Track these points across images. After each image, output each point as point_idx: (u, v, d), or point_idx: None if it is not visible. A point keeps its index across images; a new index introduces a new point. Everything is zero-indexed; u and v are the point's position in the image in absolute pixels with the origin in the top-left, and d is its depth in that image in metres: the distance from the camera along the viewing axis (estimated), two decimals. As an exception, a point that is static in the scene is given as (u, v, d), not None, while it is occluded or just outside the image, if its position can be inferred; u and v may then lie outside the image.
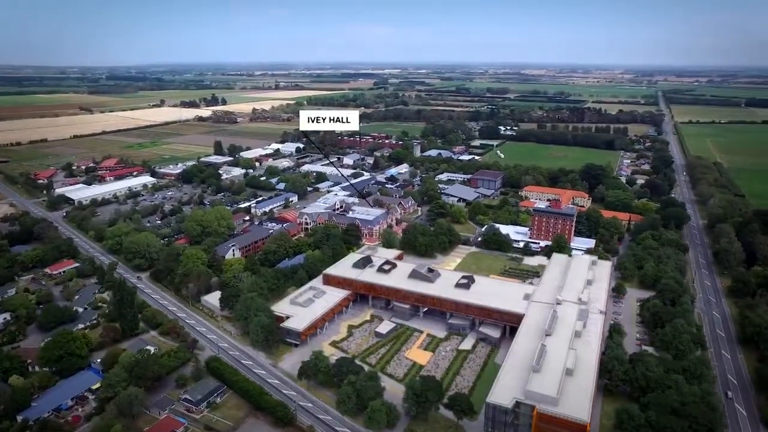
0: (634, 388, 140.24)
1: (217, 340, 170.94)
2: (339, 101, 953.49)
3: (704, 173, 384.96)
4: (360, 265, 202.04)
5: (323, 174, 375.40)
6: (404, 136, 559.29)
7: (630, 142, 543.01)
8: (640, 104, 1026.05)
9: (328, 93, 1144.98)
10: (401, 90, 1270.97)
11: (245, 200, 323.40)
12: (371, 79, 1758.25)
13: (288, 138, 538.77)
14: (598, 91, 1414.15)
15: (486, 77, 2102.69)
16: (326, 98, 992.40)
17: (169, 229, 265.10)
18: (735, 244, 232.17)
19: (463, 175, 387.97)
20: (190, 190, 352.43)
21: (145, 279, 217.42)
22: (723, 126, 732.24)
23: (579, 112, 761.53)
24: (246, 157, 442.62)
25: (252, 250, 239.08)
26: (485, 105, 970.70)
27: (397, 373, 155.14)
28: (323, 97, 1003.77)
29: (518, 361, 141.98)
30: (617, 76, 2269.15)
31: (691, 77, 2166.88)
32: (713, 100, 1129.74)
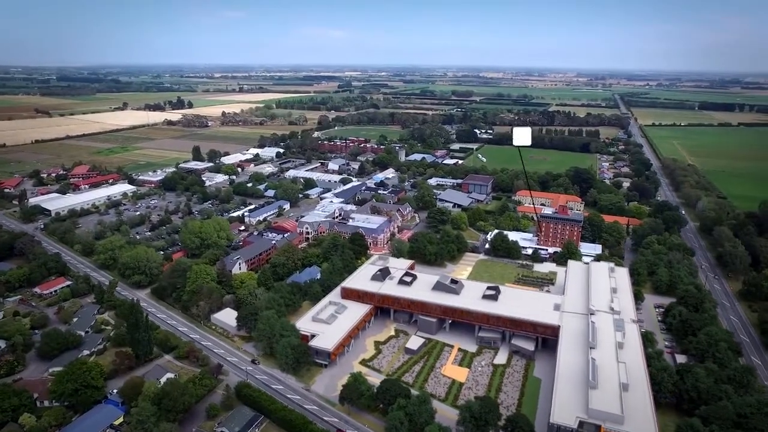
0: (684, 400, 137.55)
1: (239, 363, 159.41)
2: (308, 104, 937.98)
3: (685, 176, 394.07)
4: (379, 278, 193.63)
5: (312, 180, 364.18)
6: (384, 140, 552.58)
7: (605, 144, 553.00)
8: (602, 107, 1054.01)
9: (295, 95, 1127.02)
10: (367, 93, 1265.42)
11: (235, 209, 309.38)
12: (334, 82, 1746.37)
13: (266, 142, 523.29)
14: (559, 94, 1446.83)
15: (447, 80, 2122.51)
16: (294, 101, 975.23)
17: (162, 242, 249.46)
18: (739, 247, 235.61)
19: (452, 180, 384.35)
20: (174, 199, 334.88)
21: (145, 296, 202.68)
22: (683, 128, 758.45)
23: (549, 115, 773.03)
24: (227, 162, 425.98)
25: (257, 263, 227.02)
26: (454, 108, 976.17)
27: (437, 392, 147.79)
28: (291, 100, 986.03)
29: (570, 377, 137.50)
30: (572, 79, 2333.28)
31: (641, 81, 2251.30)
32: (668, 103, 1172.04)
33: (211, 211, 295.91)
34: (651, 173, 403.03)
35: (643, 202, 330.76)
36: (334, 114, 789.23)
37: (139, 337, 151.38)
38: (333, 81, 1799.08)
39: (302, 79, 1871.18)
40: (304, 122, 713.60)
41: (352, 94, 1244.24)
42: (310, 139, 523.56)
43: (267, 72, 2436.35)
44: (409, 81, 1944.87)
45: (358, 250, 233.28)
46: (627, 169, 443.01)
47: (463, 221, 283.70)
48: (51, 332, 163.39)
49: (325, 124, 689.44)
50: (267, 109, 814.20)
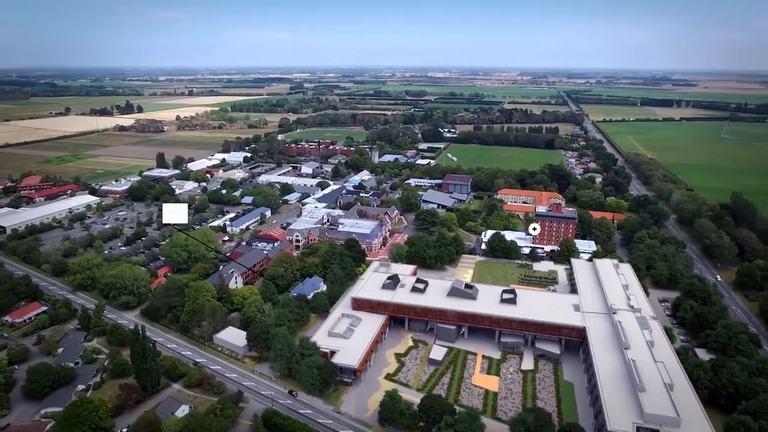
0: (721, 395, 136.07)
1: (257, 387, 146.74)
2: (264, 107, 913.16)
3: (651, 170, 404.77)
4: (391, 286, 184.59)
5: (289, 185, 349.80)
6: (351, 142, 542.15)
7: (567, 141, 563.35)
8: (552, 104, 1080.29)
9: (248, 98, 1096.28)
10: (321, 94, 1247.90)
11: (214, 218, 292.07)
12: (285, 84, 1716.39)
13: (231, 147, 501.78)
14: (508, 92, 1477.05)
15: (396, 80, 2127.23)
16: (249, 104, 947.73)
17: (143, 257, 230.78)
18: (724, 238, 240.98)
19: (430, 180, 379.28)
20: (143, 209, 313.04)
21: (135, 318, 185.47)
22: (633, 124, 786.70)
23: (507, 113, 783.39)
24: (195, 169, 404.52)
25: (251, 275, 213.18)
26: (411, 107, 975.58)
27: (473, 404, 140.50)
28: (246, 103, 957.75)
29: (612, 381, 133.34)
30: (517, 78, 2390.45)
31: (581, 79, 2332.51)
32: (611, 99, 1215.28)
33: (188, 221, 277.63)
34: (620, 168, 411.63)
35: (619, 197, 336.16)
36: (294, 116, 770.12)
37: (147, 367, 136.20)
38: (283, 83, 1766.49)
39: (252, 82, 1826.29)
40: (264, 125, 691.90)
41: (306, 95, 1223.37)
42: (276, 142, 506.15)
43: (213, 75, 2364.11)
44: (359, 82, 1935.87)
45: (357, 257, 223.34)
46: (594, 164, 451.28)
47: (453, 222, 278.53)
48: (38, 367, 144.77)
49: (286, 127, 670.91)
50: (224, 113, 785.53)
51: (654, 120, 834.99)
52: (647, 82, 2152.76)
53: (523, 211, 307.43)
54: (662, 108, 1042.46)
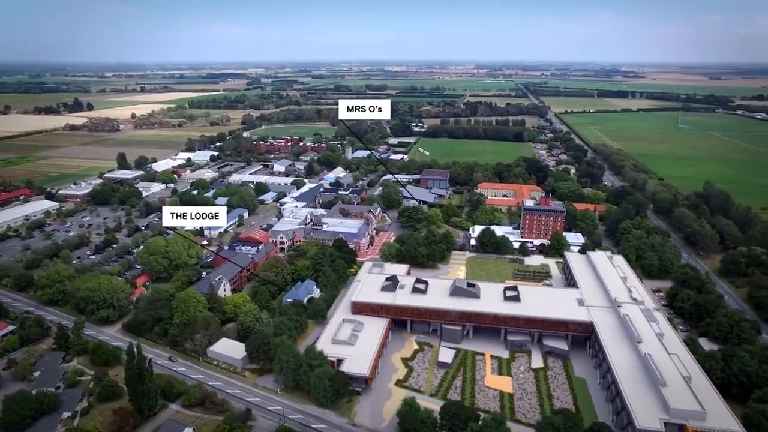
0: (733, 384, 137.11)
1: (263, 402, 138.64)
2: (223, 103, 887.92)
3: (621, 160, 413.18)
4: (391, 288, 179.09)
5: (264, 184, 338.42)
6: (320, 138, 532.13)
7: (535, 133, 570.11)
8: (512, 96, 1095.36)
9: (205, 95, 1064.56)
10: (280, 89, 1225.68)
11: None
12: (240, 79, 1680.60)
13: (196, 145, 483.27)
14: (467, 85, 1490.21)
15: (354, 74, 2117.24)
16: (207, 100, 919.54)
17: (117, 266, 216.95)
18: (705, 226, 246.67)
19: (407, 176, 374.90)
20: (109, 214, 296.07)
21: (116, 334, 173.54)
22: (593, 115, 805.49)
23: (472, 106, 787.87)
24: (159, 170, 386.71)
25: (239, 282, 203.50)
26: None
27: (490, 407, 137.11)
28: (204, 99, 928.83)
29: (630, 376, 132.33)
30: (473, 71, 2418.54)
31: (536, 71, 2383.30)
32: (569, 91, 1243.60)
33: (160, 226, 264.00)
34: (592, 159, 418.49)
35: (595, 188, 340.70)
36: (257, 113, 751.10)
37: (144, 389, 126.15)
38: (239, 78, 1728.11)
39: (206, 77, 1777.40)
40: (227, 122, 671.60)
41: (265, 91, 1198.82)
42: (244, 140, 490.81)
43: (164, 70, 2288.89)
44: (317, 76, 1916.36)
45: (349, 258, 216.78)
46: (565, 156, 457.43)
47: (438, 219, 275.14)
48: (17, 396, 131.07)
49: (250, 124, 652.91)
50: (182, 110, 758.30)
51: (613, 111, 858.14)
52: (599, 74, 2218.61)
53: (505, 205, 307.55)
54: (618, 99, 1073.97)
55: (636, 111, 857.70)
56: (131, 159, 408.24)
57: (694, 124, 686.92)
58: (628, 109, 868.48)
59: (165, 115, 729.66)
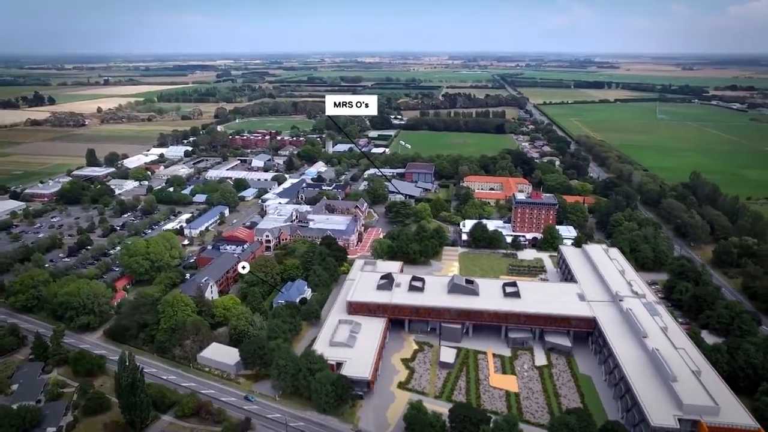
0: (739, 377, 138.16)
1: (261, 410, 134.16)
2: (193, 96, 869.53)
3: (605, 151, 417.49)
4: (387, 286, 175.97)
5: (243, 180, 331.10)
6: (298, 132, 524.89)
7: (516, 125, 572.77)
8: (489, 87, 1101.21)
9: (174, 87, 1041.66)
10: (252, 82, 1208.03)
11: (166, 220, 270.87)
12: (209, 72, 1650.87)
13: (168, 140, 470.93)
14: (444, 76, 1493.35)
15: (327, 66, 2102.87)
16: (177, 93, 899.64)
17: (94, 269, 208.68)
18: (696, 217, 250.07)
19: (391, 170, 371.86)
20: (81, 213, 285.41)
21: (98, 341, 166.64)
22: (572, 106, 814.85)
23: (451, 98, 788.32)
24: (131, 166, 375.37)
25: (225, 283, 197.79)
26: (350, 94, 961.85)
27: (497, 407, 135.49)
28: (173, 93, 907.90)
29: (639, 372, 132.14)
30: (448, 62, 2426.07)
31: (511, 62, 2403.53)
32: (546, 82, 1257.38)
33: (139, 225, 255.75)
34: (576, 151, 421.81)
35: (581, 180, 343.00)
36: (230, 106, 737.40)
37: (137, 401, 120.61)
38: (207, 70, 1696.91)
39: (172, 70, 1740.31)
40: (199, 116, 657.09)
41: (236, 83, 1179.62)
42: (219, 134, 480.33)
43: (128, 62, 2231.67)
44: (289, 68, 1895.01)
45: (339, 256, 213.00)
46: (548, 148, 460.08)
47: (426, 213, 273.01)
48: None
49: (223, 117, 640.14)
50: (151, 103, 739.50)
51: (591, 102, 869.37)
52: (573, 64, 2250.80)
53: (493, 198, 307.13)
54: (595, 90, 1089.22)
55: (614, 102, 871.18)
56: (101, 155, 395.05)
57: (672, 115, 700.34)
58: (606, 100, 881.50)
59: (133, 108, 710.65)
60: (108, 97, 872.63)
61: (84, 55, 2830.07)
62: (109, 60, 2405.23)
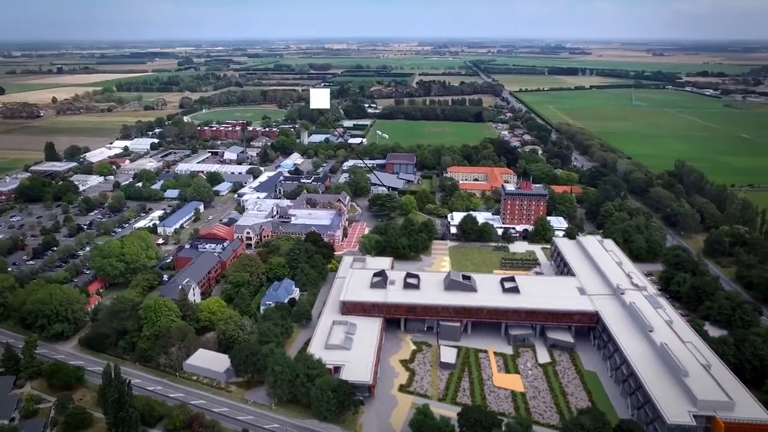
0: (746, 369, 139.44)
1: (258, 421, 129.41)
2: (155, 85, 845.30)
3: (587, 140, 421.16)
4: (381, 284, 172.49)
5: (217, 174, 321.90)
6: (269, 122, 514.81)
7: (495, 113, 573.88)
8: (462, 74, 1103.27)
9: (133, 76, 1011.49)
10: (216, 70, 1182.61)
11: (137, 217, 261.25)
12: (169, 59, 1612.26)
13: (132, 132, 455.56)
14: (415, 63, 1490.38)
15: (294, 53, 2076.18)
16: (137, 82, 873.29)
17: (63, 272, 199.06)
18: (686, 206, 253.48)
19: (371, 161, 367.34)
20: (43, 212, 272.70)
21: (73, 351, 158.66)
22: (548, 93, 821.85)
23: (425, 86, 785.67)
24: (94, 160, 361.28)
25: (207, 284, 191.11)
26: (320, 82, 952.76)
27: (503, 408, 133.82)
28: (133, 81, 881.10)
29: (649, 368, 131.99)
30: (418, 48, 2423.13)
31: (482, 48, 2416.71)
32: (519, 69, 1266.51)
33: (108, 223, 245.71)
34: (558, 139, 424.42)
35: (566, 169, 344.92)
36: (195, 95, 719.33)
37: (126, 416, 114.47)
38: (167, 58, 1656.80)
39: (130, 57, 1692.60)
40: (164, 106, 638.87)
41: (199, 71, 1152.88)
42: (187, 125, 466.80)
43: (81, 49, 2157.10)
44: (254, 55, 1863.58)
45: (326, 253, 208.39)
46: (528, 136, 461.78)
47: (412, 206, 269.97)
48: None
49: (189, 107, 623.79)
50: (110, 93, 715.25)
51: (567, 89, 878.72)
52: (545, 50, 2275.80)
53: (478, 189, 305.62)
54: (569, 76, 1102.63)
55: (589, 88, 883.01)
56: (60, 149, 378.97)
57: (647, 101, 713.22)
58: (581, 87, 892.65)
59: (91, 99, 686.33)
60: (62, 86, 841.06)
61: (32, 42, 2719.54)
62: (60, 47, 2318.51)
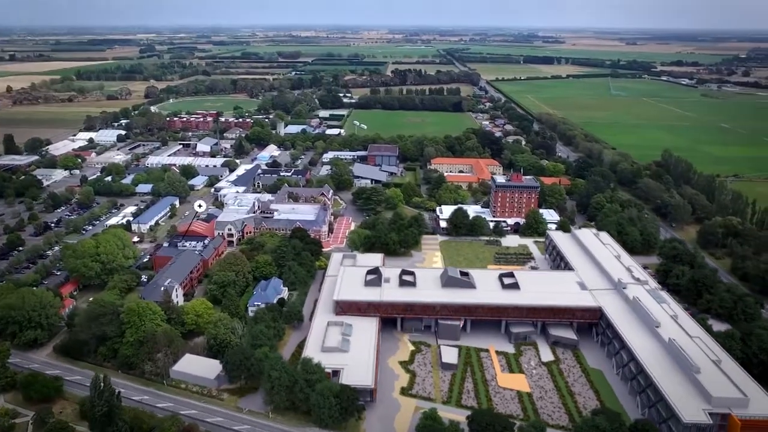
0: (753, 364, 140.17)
1: (255, 431, 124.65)
2: (117, 74, 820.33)
3: (570, 130, 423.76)
4: (376, 282, 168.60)
5: (191, 167, 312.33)
6: (242, 113, 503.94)
7: (474, 102, 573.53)
8: (436, 63, 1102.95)
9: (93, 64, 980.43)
10: (181, 58, 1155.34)
11: (108, 214, 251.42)
12: (131, 46, 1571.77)
13: (97, 123, 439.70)
14: (387, 51, 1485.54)
15: (260, 40, 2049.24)
16: (97, 70, 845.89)
17: (32, 274, 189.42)
18: (676, 197, 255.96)
19: (351, 153, 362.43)
20: (5, 209, 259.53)
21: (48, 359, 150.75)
22: (525, 82, 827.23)
23: (401, 74, 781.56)
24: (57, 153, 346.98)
25: (189, 285, 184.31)
26: (290, 71, 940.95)
27: (510, 410, 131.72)
28: (93, 69, 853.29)
29: (658, 365, 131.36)
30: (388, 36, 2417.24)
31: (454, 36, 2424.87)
32: (494, 58, 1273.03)
33: (78, 221, 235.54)
34: (542, 129, 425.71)
35: (552, 160, 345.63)
36: (161, 84, 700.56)
37: (115, 431, 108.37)
38: (128, 45, 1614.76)
39: (88, 44, 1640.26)
40: (128, 96, 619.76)
41: (163, 59, 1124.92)
42: (156, 116, 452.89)
43: (34, 36, 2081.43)
44: (219, 43, 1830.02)
45: (315, 250, 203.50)
46: (510, 126, 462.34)
47: (399, 199, 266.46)
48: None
49: (155, 97, 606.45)
50: (70, 82, 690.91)
51: (543, 78, 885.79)
52: (518, 39, 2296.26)
53: (464, 181, 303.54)
54: (545, 65, 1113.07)
55: (566, 77, 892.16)
56: (20, 141, 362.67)
57: (626, 91, 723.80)
58: (558, 76, 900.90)
59: (49, 88, 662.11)
60: (17, 74, 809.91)
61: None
62: (10, 32, 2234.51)
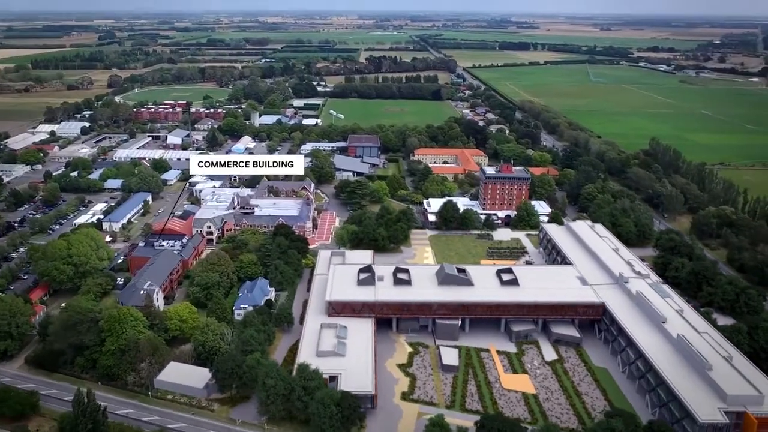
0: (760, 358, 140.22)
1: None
2: (76, 62, 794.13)
3: (554, 118, 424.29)
4: (369, 281, 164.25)
5: (164, 161, 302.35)
6: (212, 102, 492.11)
7: (454, 90, 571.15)
8: (410, 50, 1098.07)
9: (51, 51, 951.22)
10: (143, 45, 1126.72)
11: (76, 212, 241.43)
12: (89, 33, 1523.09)
13: (58, 115, 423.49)
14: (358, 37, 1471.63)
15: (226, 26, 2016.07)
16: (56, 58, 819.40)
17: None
18: (668, 186, 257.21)
19: (330, 144, 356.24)
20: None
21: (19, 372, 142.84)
22: (503, 69, 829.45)
23: (375, 62, 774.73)
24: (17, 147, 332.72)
25: (169, 287, 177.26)
26: (260, 58, 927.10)
27: (518, 413, 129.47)
28: (50, 58, 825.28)
29: (668, 363, 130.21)
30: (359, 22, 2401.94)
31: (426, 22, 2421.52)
32: (469, 44, 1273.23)
33: (43, 220, 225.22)
34: (525, 118, 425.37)
35: (537, 149, 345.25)
36: (125, 73, 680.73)
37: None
38: (86, 31, 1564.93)
39: (43, 31, 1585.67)
40: (89, 85, 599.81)
41: (124, 46, 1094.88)
42: (121, 107, 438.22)
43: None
44: (182, 29, 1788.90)
45: (301, 247, 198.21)
46: (492, 115, 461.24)
47: (384, 193, 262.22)
48: None
49: (119, 87, 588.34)
50: (26, 71, 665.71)
51: (521, 64, 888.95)
52: (491, 24, 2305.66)
53: (449, 173, 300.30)
54: (521, 52, 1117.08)
55: (544, 64, 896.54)
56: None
57: (605, 77, 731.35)
58: (536, 62, 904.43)
59: (3, 77, 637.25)
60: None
61: None
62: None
